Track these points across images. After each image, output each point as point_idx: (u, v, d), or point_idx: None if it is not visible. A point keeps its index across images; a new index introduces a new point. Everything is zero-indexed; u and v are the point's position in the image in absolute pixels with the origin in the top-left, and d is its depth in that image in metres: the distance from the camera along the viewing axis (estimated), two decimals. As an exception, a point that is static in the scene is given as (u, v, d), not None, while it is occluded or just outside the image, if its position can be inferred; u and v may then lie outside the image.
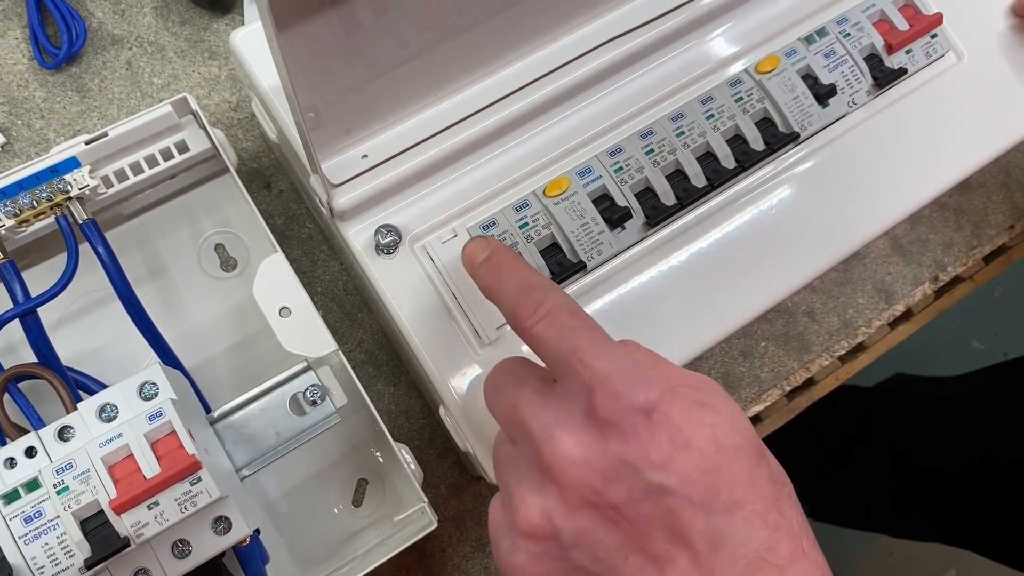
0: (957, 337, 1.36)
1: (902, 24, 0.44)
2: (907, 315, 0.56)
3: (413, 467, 0.39)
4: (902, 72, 0.44)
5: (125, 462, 0.33)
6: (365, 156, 0.38)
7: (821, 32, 0.44)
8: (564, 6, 0.40)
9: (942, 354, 1.22)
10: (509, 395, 0.29)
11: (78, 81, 0.49)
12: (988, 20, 0.47)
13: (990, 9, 0.47)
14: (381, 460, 0.45)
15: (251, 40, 0.40)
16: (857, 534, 0.91)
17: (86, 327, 0.44)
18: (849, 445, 0.84)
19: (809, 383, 0.54)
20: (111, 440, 0.32)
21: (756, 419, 0.53)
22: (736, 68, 0.43)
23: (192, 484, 0.32)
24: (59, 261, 0.43)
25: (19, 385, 0.38)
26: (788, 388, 0.53)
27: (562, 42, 0.41)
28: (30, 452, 0.33)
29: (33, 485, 0.32)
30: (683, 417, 0.26)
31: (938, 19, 0.44)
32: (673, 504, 0.25)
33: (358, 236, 0.39)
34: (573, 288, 0.39)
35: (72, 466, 0.32)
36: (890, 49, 0.44)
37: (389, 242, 0.38)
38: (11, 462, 0.33)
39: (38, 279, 0.43)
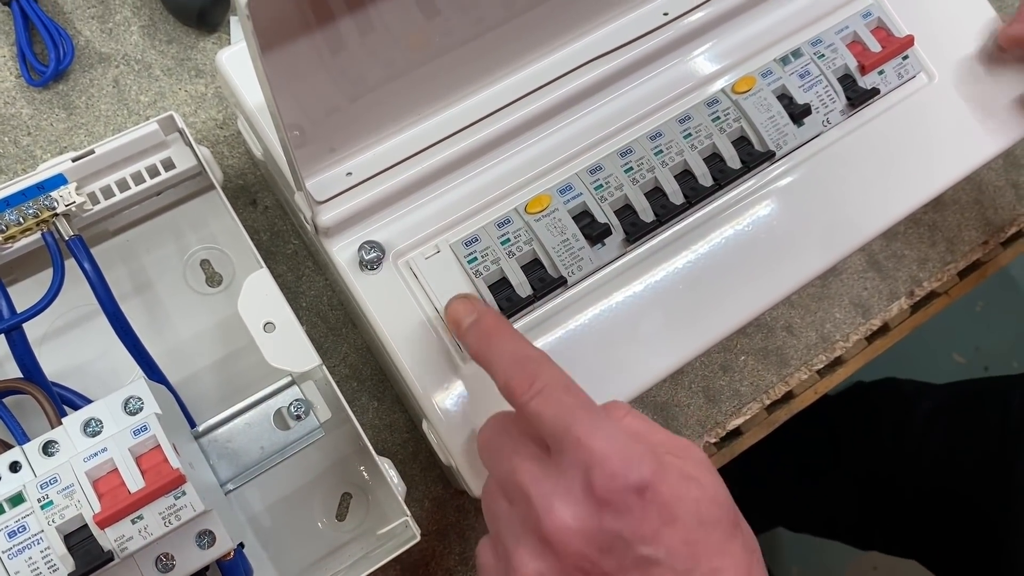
0: (939, 351, 1.37)
1: (875, 46, 0.46)
2: (884, 329, 0.57)
3: (396, 481, 0.40)
4: (875, 92, 0.45)
5: (109, 476, 0.33)
6: (349, 174, 0.39)
7: (796, 53, 0.45)
8: (545, 27, 0.41)
9: (924, 368, 1.24)
10: (507, 459, 0.31)
11: (65, 98, 0.49)
12: (958, 42, 0.48)
13: (960, 31, 0.48)
14: (365, 474, 0.46)
15: (237, 59, 0.41)
16: (844, 548, 0.92)
17: (71, 342, 0.44)
18: (822, 455, 0.85)
19: (788, 396, 0.55)
20: (96, 455, 0.33)
21: (736, 432, 0.54)
22: (713, 88, 0.44)
23: (176, 498, 0.32)
24: (45, 276, 0.43)
25: (4, 400, 0.38)
26: (768, 401, 0.54)
27: (543, 63, 0.42)
28: (14, 467, 0.33)
29: (17, 500, 0.32)
30: (672, 493, 0.28)
31: (909, 41, 0.46)
32: (659, 574, 0.28)
33: (342, 252, 0.39)
34: (554, 303, 0.40)
35: (56, 480, 0.32)
36: (863, 70, 0.45)
37: (373, 258, 0.39)
38: (-5, 477, 0.33)
39: (23, 294, 0.43)
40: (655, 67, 0.43)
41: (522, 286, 0.39)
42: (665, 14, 0.42)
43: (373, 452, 0.39)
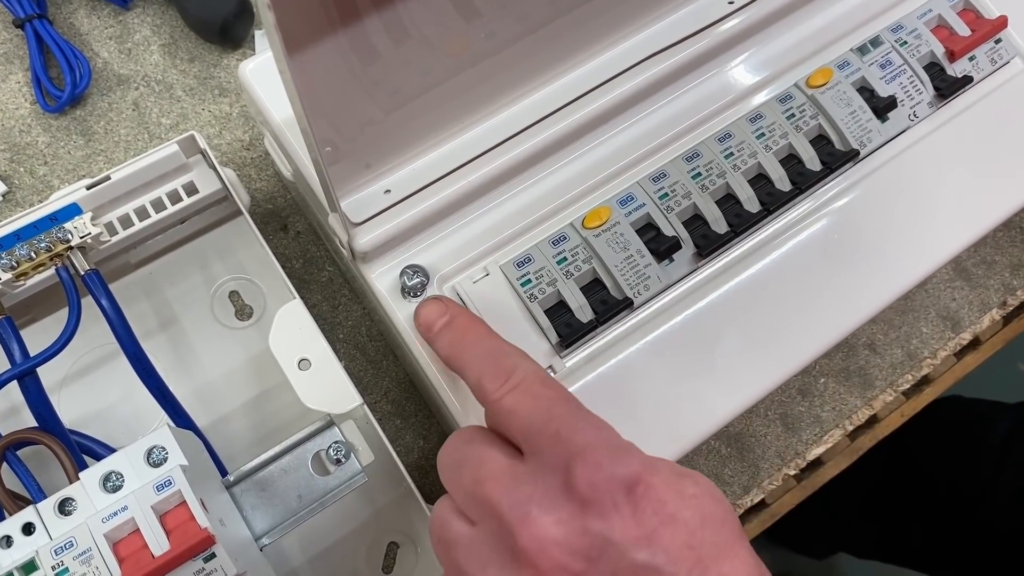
0: (1005, 361, 1.30)
1: (963, 29, 0.41)
2: (974, 343, 0.52)
3: (448, 531, 0.36)
4: (967, 81, 0.40)
5: (131, 538, 0.30)
6: (388, 191, 0.35)
7: (875, 42, 0.40)
8: (597, 22, 0.37)
9: (991, 382, 1.17)
10: (471, 469, 0.27)
11: (83, 124, 0.46)
12: (1055, 22, 0.43)
13: (1056, 10, 0.43)
14: (412, 521, 0.42)
15: (262, 71, 0.38)
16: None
17: (92, 385, 0.41)
18: (888, 479, 0.79)
19: (872, 421, 0.49)
20: (116, 514, 0.30)
21: (818, 462, 0.49)
22: (785, 83, 0.40)
23: (206, 561, 0.29)
24: (65, 314, 0.40)
25: (19, 452, 0.35)
26: (851, 427, 0.49)
27: (596, 61, 0.38)
28: (28, 529, 0.30)
29: (30, 568, 0.29)
30: (666, 488, 0.24)
31: (1002, 22, 0.41)
32: None
33: (382, 278, 0.35)
34: (620, 328, 0.36)
35: (73, 544, 0.29)
36: (952, 56, 0.41)
37: (416, 283, 0.35)
38: (7, 541, 0.30)
39: (42, 334, 0.41)
40: (720, 62, 0.39)
41: (583, 310, 0.35)
42: (731, 2, 0.38)
43: (421, 499, 0.36)
